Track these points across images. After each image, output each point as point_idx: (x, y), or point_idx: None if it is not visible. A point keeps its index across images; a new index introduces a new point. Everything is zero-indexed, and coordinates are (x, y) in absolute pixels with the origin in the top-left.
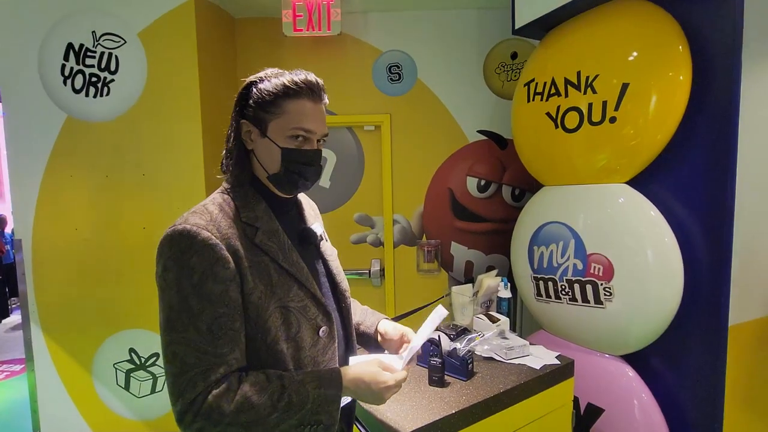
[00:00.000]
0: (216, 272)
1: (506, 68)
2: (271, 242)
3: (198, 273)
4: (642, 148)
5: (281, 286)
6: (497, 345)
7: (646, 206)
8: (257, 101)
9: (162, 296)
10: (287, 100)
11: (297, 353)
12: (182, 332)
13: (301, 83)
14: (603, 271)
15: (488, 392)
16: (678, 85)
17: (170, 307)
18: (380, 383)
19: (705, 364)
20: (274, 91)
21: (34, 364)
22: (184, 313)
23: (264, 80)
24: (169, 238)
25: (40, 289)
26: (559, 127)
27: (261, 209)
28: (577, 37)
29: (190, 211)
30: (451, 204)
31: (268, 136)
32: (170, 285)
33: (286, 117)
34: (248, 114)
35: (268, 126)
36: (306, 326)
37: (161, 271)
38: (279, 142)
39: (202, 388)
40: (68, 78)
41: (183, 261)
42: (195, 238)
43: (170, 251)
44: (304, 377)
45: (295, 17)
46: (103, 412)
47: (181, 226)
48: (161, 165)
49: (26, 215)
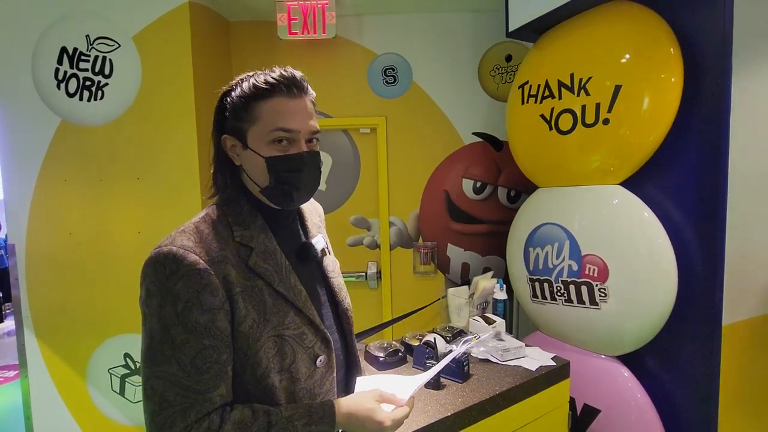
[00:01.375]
0: (203, 300)
1: (501, 71)
2: (266, 264)
3: (183, 301)
4: (635, 149)
5: (276, 313)
6: (493, 347)
7: (639, 207)
8: (232, 111)
9: (144, 323)
10: (260, 102)
11: (292, 385)
12: (163, 366)
13: (272, 80)
14: (598, 272)
15: (484, 394)
16: (670, 87)
17: (151, 337)
18: (375, 423)
19: (699, 364)
20: (245, 95)
21: (28, 370)
22: (165, 344)
23: (236, 87)
24: (153, 260)
25: (33, 294)
26: (553, 129)
27: (257, 226)
28: (570, 39)
29: (178, 230)
30: (447, 206)
31: (249, 147)
32: (152, 312)
33: (262, 121)
34: (228, 127)
35: (247, 135)
36: (302, 356)
37: (144, 296)
38: (261, 151)
39: (180, 429)
40: (62, 82)
41: (167, 287)
42: (181, 261)
43: (154, 275)
44: (294, 413)
45: (290, 20)
46: (97, 418)
47: (167, 248)
48: (156, 169)
49: (20, 220)
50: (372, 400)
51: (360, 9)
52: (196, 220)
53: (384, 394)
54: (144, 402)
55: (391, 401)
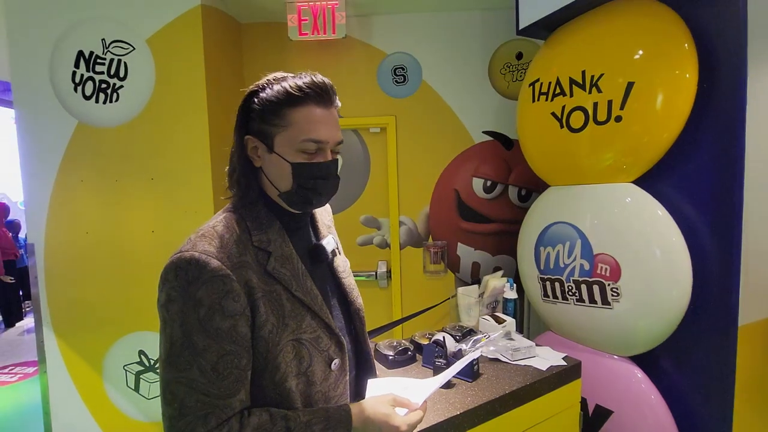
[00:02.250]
0: (225, 306)
1: (511, 68)
2: (284, 269)
3: (205, 307)
4: (648, 147)
5: (294, 317)
6: (503, 346)
7: (653, 205)
8: (260, 113)
9: (163, 328)
10: (292, 109)
11: (308, 389)
12: (184, 371)
13: (306, 87)
14: (610, 271)
15: (494, 393)
16: (684, 84)
17: (172, 343)
18: (391, 428)
19: (715, 365)
20: (276, 99)
21: (47, 367)
22: (187, 350)
23: (265, 88)
24: (175, 265)
25: (52, 293)
26: (565, 127)
27: (274, 230)
28: (582, 36)
29: (198, 234)
30: (457, 205)
31: (275, 151)
32: (173, 318)
33: (293, 128)
34: (252, 128)
35: (274, 140)
36: (318, 359)
37: (164, 300)
38: (288, 156)
39: None
40: (79, 85)
41: (189, 293)
42: (204, 267)
43: (176, 280)
44: (312, 418)
45: (300, 21)
46: (113, 414)
47: (189, 253)
48: (169, 170)
49: (39, 219)
50: (387, 404)
51: (369, 9)
52: (215, 223)
53: (398, 398)
54: (163, 407)
55: (405, 405)
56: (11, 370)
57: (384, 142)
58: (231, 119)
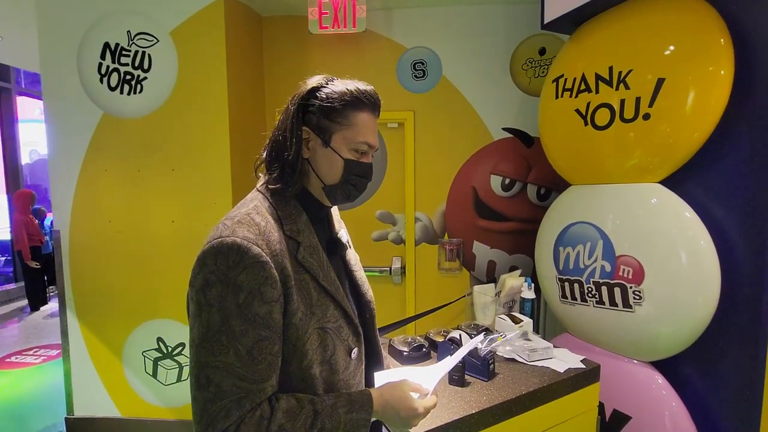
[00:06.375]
0: (263, 292)
1: (534, 64)
2: (312, 258)
3: (245, 292)
4: (677, 146)
5: (320, 306)
6: (520, 346)
7: (680, 207)
8: (323, 109)
9: (198, 313)
10: (356, 112)
11: (331, 377)
12: (220, 355)
13: (368, 95)
14: (633, 273)
15: (510, 393)
16: (718, 80)
17: (208, 327)
18: (410, 411)
19: (742, 372)
20: (344, 99)
21: (69, 350)
22: (224, 334)
23: (327, 86)
24: (216, 250)
25: (76, 279)
26: (589, 125)
27: (302, 221)
28: (610, 30)
29: (234, 220)
30: (475, 203)
31: (331, 146)
32: (211, 302)
33: (352, 129)
34: (310, 122)
35: (333, 136)
36: (340, 348)
37: (201, 285)
38: (342, 153)
39: (235, 418)
40: (104, 76)
41: (229, 278)
42: (246, 253)
43: (215, 265)
44: (336, 401)
45: (320, 15)
46: (132, 398)
47: (231, 238)
48: (189, 161)
49: (64, 207)
50: (403, 389)
51: (390, 2)
52: (248, 210)
53: (411, 384)
54: (196, 391)
55: (418, 390)
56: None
57: (402, 137)
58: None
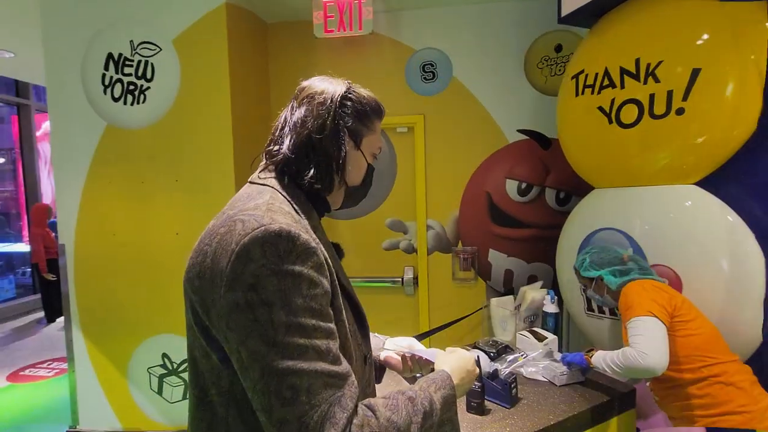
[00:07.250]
0: (321, 281)
1: (550, 62)
2: (330, 257)
3: (306, 282)
4: (715, 144)
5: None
6: (547, 367)
7: (720, 210)
8: (357, 113)
9: (253, 317)
10: (378, 120)
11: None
12: (299, 358)
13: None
14: (668, 284)
15: (536, 423)
16: (761, 70)
17: (275, 329)
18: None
19: None
20: (371, 107)
21: (75, 365)
22: (296, 333)
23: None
24: (261, 240)
25: (81, 293)
26: (614, 123)
27: (314, 218)
28: (636, 20)
29: (263, 209)
30: (489, 209)
31: (361, 149)
32: (270, 300)
33: (374, 135)
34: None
35: (362, 140)
36: (357, 353)
37: (251, 282)
38: (367, 157)
39: (345, 421)
40: (108, 87)
41: (284, 268)
42: (296, 240)
43: (264, 257)
44: (421, 384)
45: (326, 18)
46: (137, 416)
47: (276, 225)
48: (193, 171)
49: (69, 221)
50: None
51: (398, 3)
52: (269, 200)
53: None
54: (282, 410)
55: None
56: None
57: (411, 142)
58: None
